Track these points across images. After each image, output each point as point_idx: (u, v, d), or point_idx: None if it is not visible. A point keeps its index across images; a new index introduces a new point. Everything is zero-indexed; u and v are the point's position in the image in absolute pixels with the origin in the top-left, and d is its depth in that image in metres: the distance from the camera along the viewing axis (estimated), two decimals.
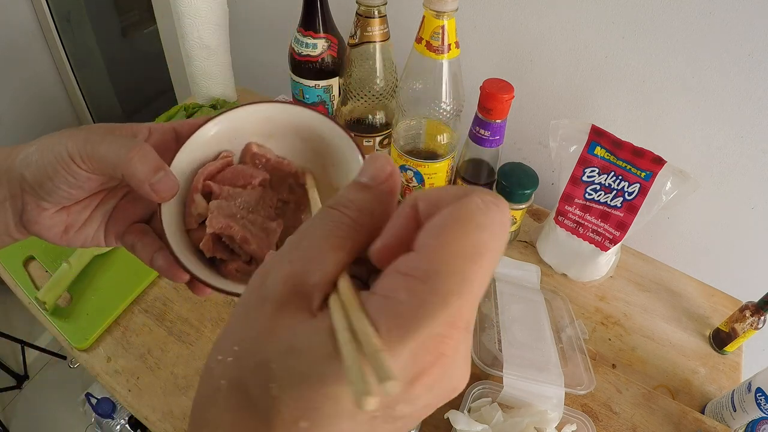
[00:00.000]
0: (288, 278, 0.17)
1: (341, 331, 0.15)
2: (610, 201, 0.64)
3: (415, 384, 0.15)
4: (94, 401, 1.10)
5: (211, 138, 0.31)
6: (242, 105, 0.31)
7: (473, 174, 0.70)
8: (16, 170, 0.28)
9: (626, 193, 0.63)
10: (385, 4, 0.62)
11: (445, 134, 0.67)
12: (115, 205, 0.33)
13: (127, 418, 1.13)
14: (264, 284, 0.17)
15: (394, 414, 0.16)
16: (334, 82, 0.74)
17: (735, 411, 0.54)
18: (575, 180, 0.66)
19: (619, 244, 0.66)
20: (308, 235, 0.18)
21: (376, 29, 0.63)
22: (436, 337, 0.15)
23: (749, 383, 0.54)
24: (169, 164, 0.29)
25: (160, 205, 0.29)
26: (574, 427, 0.51)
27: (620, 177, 0.63)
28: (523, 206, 0.68)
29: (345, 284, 0.17)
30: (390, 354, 0.14)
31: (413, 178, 0.70)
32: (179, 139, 0.32)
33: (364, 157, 0.29)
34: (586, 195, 0.66)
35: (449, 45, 0.58)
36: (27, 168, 0.28)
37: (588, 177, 0.65)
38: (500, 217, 0.16)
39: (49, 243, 0.32)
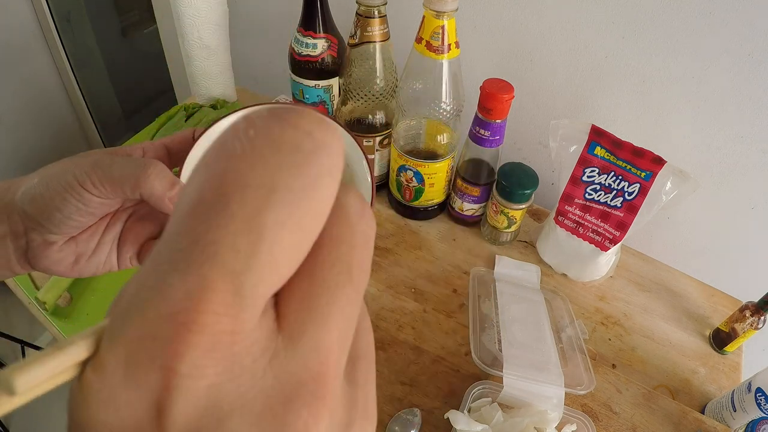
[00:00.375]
0: None
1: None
2: (610, 201, 0.64)
3: (161, 422, 0.10)
4: None
5: None
6: (244, 107, 0.31)
7: (473, 174, 0.70)
8: (17, 205, 0.28)
9: (626, 193, 0.63)
10: (385, 4, 0.62)
11: (445, 134, 0.67)
12: (123, 228, 0.32)
13: None
14: None
15: None
16: (334, 82, 0.74)
17: (735, 411, 0.54)
18: (575, 180, 0.66)
19: (619, 244, 0.66)
20: None
21: (376, 29, 0.63)
22: (152, 342, 0.10)
23: (749, 383, 0.54)
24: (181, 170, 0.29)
25: None
26: (574, 427, 0.51)
27: (620, 177, 0.63)
28: (523, 206, 0.68)
29: None
30: (100, 371, 0.10)
31: (413, 178, 0.70)
32: (171, 155, 0.32)
33: (366, 156, 0.29)
34: (586, 195, 0.66)
35: (449, 45, 0.58)
36: (31, 203, 0.27)
37: (588, 177, 0.65)
38: (276, 134, 0.11)
39: (60, 276, 0.31)
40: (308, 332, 0.11)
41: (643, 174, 0.61)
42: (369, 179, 0.29)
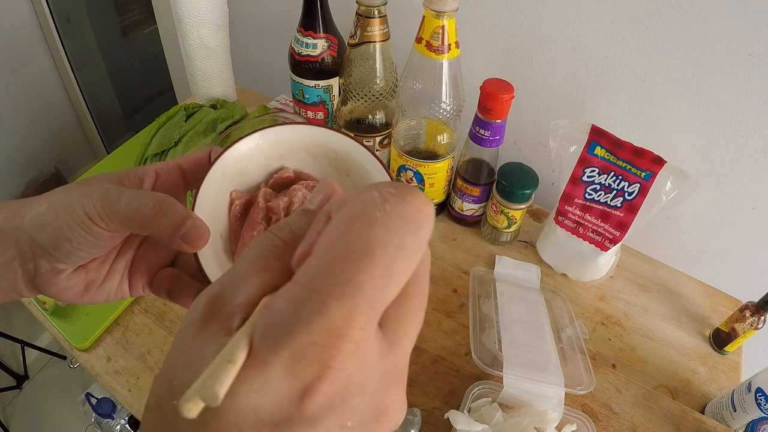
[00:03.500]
0: (213, 299, 0.17)
1: (225, 346, 0.15)
2: (610, 201, 0.64)
3: (304, 401, 0.14)
4: (94, 401, 1.10)
5: (230, 167, 0.30)
6: (264, 127, 0.30)
7: (473, 174, 0.70)
8: (24, 230, 0.27)
9: (626, 193, 0.63)
10: (385, 4, 0.62)
11: (445, 134, 0.67)
12: (134, 255, 0.32)
13: (127, 418, 1.13)
14: (196, 306, 0.17)
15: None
16: (334, 82, 0.74)
17: (735, 411, 0.54)
18: (575, 180, 0.66)
19: (619, 244, 0.66)
20: (242, 258, 0.18)
21: (376, 29, 0.63)
22: (314, 347, 0.14)
23: (749, 383, 0.54)
24: (195, 203, 0.28)
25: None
26: (574, 427, 0.51)
27: (620, 177, 0.63)
28: (523, 206, 0.68)
29: (261, 302, 0.16)
30: (259, 367, 0.14)
31: (413, 179, 0.70)
32: (186, 176, 0.31)
33: (384, 165, 0.29)
34: (586, 195, 0.66)
35: (449, 45, 0.58)
36: (40, 230, 0.27)
37: (588, 177, 0.65)
38: (401, 209, 0.15)
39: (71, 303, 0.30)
40: (401, 339, 0.16)
41: (643, 174, 0.61)
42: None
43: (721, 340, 0.65)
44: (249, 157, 0.30)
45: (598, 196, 0.65)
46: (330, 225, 0.15)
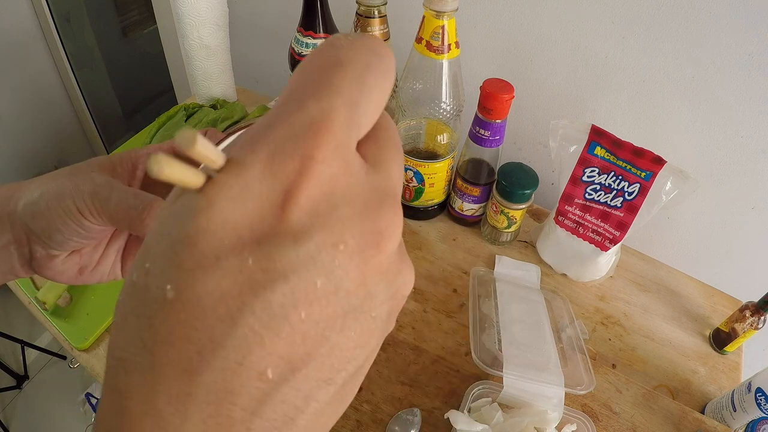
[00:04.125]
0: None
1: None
2: (610, 201, 0.64)
3: (287, 207, 0.12)
4: (94, 401, 1.10)
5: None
6: (249, 123, 0.31)
7: (473, 174, 0.70)
8: (19, 217, 0.27)
9: (626, 193, 0.63)
10: (385, 4, 0.62)
11: (445, 134, 0.67)
12: (127, 239, 0.32)
13: None
14: None
15: (272, 264, 0.12)
16: None
17: (735, 411, 0.54)
18: (575, 180, 0.66)
19: (619, 244, 0.66)
20: None
21: (376, 29, 0.63)
22: (295, 139, 0.12)
23: (749, 383, 0.54)
24: None
25: None
26: (574, 427, 0.51)
27: (620, 177, 0.63)
28: (523, 206, 0.68)
29: None
30: (236, 170, 0.12)
31: (413, 178, 0.70)
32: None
33: None
34: (586, 195, 0.66)
35: (449, 45, 0.58)
36: (33, 219, 0.27)
37: (588, 177, 0.65)
38: (363, 40, 0.15)
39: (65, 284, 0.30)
40: (384, 165, 0.15)
41: (643, 174, 0.61)
42: None
43: (721, 340, 0.65)
44: None
45: (598, 196, 0.65)
46: (293, 75, 0.15)
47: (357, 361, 0.14)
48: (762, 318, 0.60)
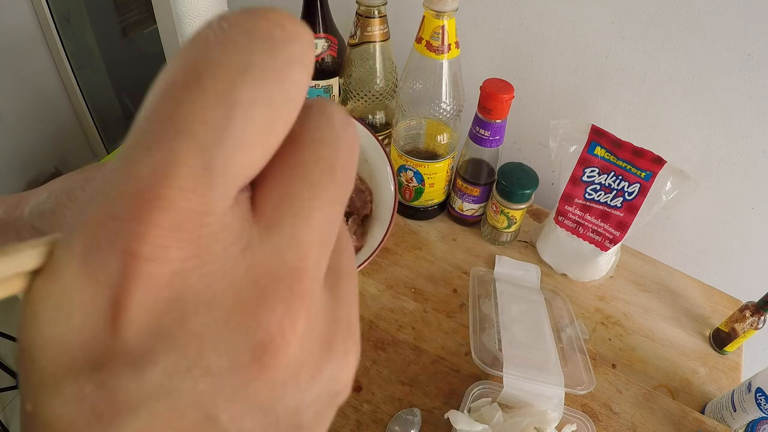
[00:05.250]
0: None
1: None
2: (610, 201, 0.64)
3: (117, 323, 0.09)
4: None
5: None
6: None
7: (473, 174, 0.70)
8: (25, 221, 0.26)
9: (626, 193, 0.63)
10: (385, 4, 0.62)
11: (445, 134, 0.67)
12: None
13: None
14: None
15: (113, 395, 0.09)
16: (334, 82, 0.74)
17: (735, 411, 0.54)
18: (575, 180, 0.66)
19: (619, 244, 0.66)
20: None
21: (376, 29, 0.63)
22: (109, 224, 0.09)
23: (749, 383, 0.54)
24: None
25: None
26: (574, 427, 0.51)
27: (620, 177, 0.63)
28: (523, 206, 0.68)
29: None
30: (52, 270, 0.09)
31: (413, 178, 0.70)
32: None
33: (380, 142, 0.30)
34: (586, 195, 0.66)
35: (449, 45, 0.58)
36: (40, 218, 0.26)
37: (588, 177, 0.65)
38: (247, 24, 0.10)
39: None
40: (287, 225, 0.10)
41: (643, 174, 0.61)
42: (390, 173, 0.29)
43: (721, 340, 0.65)
44: None
45: (598, 196, 0.65)
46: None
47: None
48: (762, 318, 0.60)
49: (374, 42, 0.64)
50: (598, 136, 0.64)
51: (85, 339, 0.09)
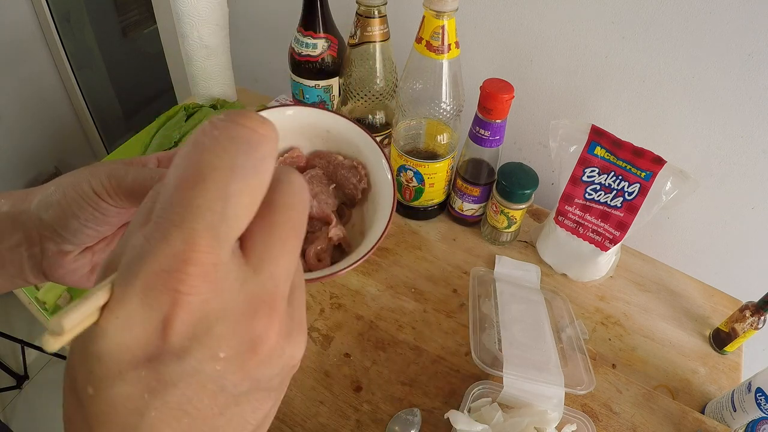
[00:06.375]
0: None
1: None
2: (610, 201, 0.64)
3: (167, 332, 0.15)
4: None
5: None
6: (266, 108, 0.32)
7: (473, 174, 0.70)
8: (32, 213, 0.27)
9: (626, 193, 0.63)
10: (385, 4, 0.62)
11: (445, 134, 0.67)
12: None
13: None
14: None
15: (162, 376, 0.15)
16: (334, 82, 0.74)
17: (735, 411, 0.54)
18: (575, 180, 0.66)
19: (619, 244, 0.66)
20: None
21: (376, 29, 0.63)
22: (163, 274, 0.14)
23: (749, 383, 0.54)
24: None
25: None
26: (574, 427, 0.51)
27: (620, 177, 0.63)
28: (523, 206, 0.68)
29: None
30: (119, 302, 0.14)
31: (413, 178, 0.70)
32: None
33: (375, 140, 0.31)
34: (586, 195, 0.66)
35: (449, 45, 0.58)
36: (47, 210, 0.27)
37: (588, 177, 0.65)
38: (230, 132, 0.15)
39: (74, 287, 0.30)
40: (267, 266, 0.16)
41: (643, 174, 0.61)
42: (389, 176, 0.30)
43: (721, 340, 0.65)
44: None
45: (598, 196, 0.65)
46: (171, 166, 0.16)
47: (256, 419, 0.17)
48: (762, 318, 0.60)
49: (374, 42, 0.64)
50: (598, 136, 0.64)
51: (143, 343, 0.15)
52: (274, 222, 0.16)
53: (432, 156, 0.69)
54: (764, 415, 0.52)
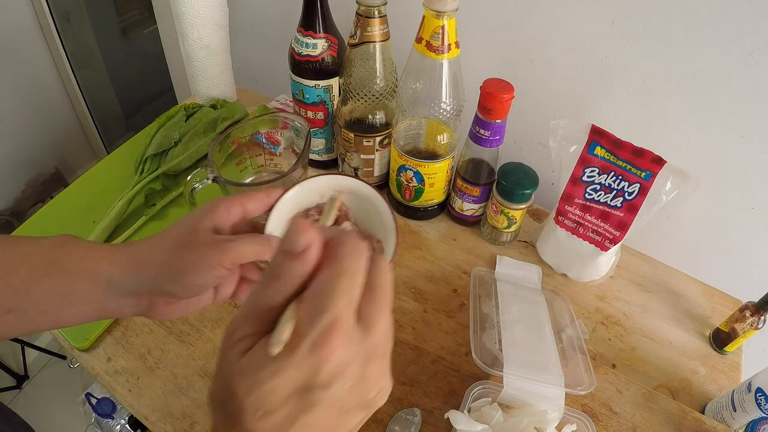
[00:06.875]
0: (227, 335, 0.25)
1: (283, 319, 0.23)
2: (610, 201, 0.64)
3: (320, 372, 0.22)
4: (94, 401, 1.10)
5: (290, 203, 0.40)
6: (303, 180, 0.40)
7: (473, 174, 0.70)
8: (155, 284, 0.34)
9: (626, 193, 0.63)
10: (385, 4, 0.62)
11: (445, 134, 0.67)
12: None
13: (127, 418, 1.13)
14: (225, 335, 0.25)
15: (310, 399, 0.22)
16: (334, 82, 0.74)
17: (735, 411, 0.54)
18: (575, 180, 0.66)
19: (619, 244, 0.66)
20: (246, 301, 0.26)
21: (376, 29, 0.63)
22: (322, 335, 0.22)
23: (749, 383, 0.54)
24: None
25: None
26: (574, 427, 0.51)
27: (620, 177, 0.63)
28: (523, 206, 0.68)
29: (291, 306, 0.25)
30: (292, 353, 0.22)
31: (413, 178, 0.70)
32: (247, 212, 0.38)
33: (392, 212, 0.38)
34: (586, 195, 0.66)
35: (449, 45, 0.58)
36: (171, 283, 0.34)
37: (588, 177, 0.65)
38: (347, 250, 0.24)
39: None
40: (374, 327, 0.24)
41: (643, 174, 0.61)
42: (394, 228, 0.37)
43: (721, 340, 0.65)
44: (295, 200, 0.40)
45: (598, 196, 0.65)
46: (323, 270, 0.24)
47: (356, 424, 0.26)
48: (762, 318, 0.60)
49: (374, 42, 0.64)
50: (598, 136, 0.64)
51: (304, 378, 0.22)
52: (375, 297, 0.24)
53: (432, 156, 0.69)
54: (764, 415, 0.52)
